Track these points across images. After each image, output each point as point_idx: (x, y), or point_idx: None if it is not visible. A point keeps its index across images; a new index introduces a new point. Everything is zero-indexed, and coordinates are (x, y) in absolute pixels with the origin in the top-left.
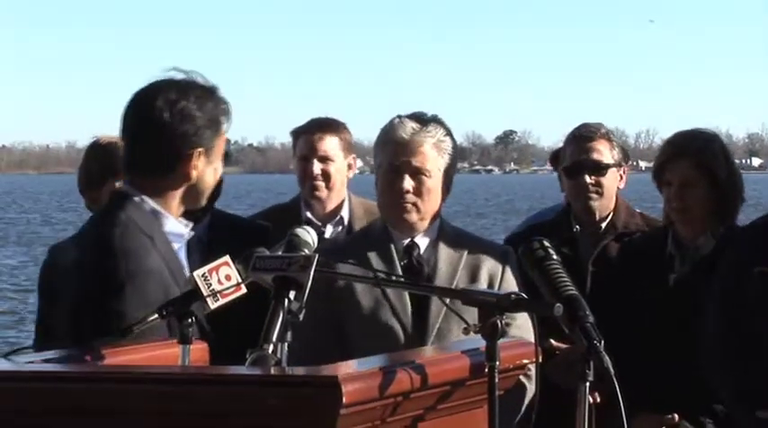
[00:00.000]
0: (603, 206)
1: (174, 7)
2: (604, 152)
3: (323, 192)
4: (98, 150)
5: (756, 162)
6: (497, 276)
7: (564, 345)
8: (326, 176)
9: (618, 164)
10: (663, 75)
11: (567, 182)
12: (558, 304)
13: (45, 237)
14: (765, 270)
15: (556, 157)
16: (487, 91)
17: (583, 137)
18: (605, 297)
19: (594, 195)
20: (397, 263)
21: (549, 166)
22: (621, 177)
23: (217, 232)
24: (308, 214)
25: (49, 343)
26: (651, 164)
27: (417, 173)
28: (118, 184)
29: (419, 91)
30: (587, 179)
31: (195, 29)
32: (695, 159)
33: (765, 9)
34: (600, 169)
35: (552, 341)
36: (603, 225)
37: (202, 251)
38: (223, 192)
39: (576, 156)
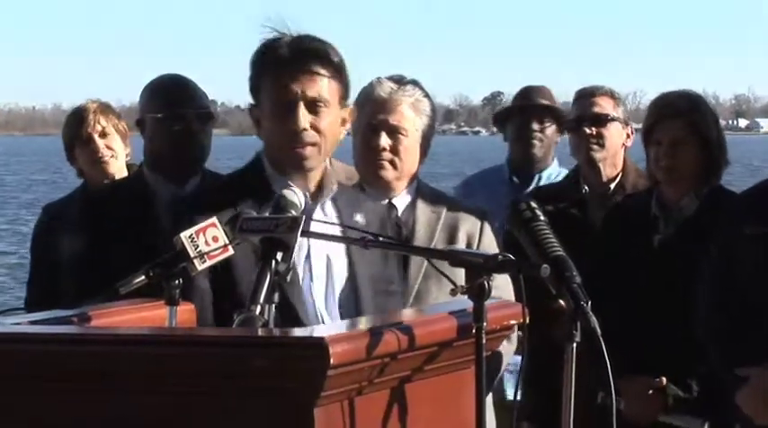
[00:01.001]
0: (608, 162)
1: None
2: (605, 106)
3: None
4: (68, 117)
5: (743, 123)
6: (475, 237)
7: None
8: None
9: (624, 122)
10: (648, 38)
11: (570, 138)
12: (545, 265)
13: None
14: (757, 231)
15: (497, 119)
16: (475, 52)
17: (585, 94)
18: (591, 258)
19: (596, 146)
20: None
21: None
22: (628, 136)
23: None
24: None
25: (39, 304)
26: (640, 126)
27: (394, 132)
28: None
29: (404, 52)
30: (587, 130)
31: None
32: (687, 119)
33: None
34: (600, 120)
35: (561, 301)
36: (612, 186)
37: None
38: (214, 155)
39: (578, 111)
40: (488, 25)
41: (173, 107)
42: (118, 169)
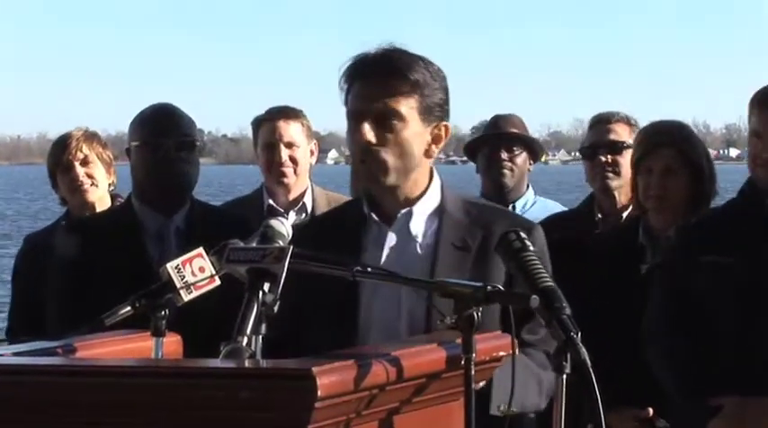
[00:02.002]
0: (624, 190)
1: (148, 4)
2: (621, 133)
3: (290, 178)
4: (53, 145)
5: (734, 152)
6: None
7: None
8: (294, 162)
9: None
10: (640, 67)
11: (585, 165)
12: (535, 296)
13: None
14: (715, 259)
15: (469, 149)
16: (464, 80)
17: (601, 120)
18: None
19: (611, 174)
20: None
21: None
22: None
23: (196, 223)
24: (270, 201)
25: (21, 334)
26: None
27: None
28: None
29: None
30: (602, 158)
31: (169, 22)
32: (678, 148)
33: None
34: (616, 148)
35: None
36: (625, 214)
37: (180, 241)
38: (202, 184)
39: (594, 138)
40: (476, 53)
41: (152, 135)
42: (98, 198)
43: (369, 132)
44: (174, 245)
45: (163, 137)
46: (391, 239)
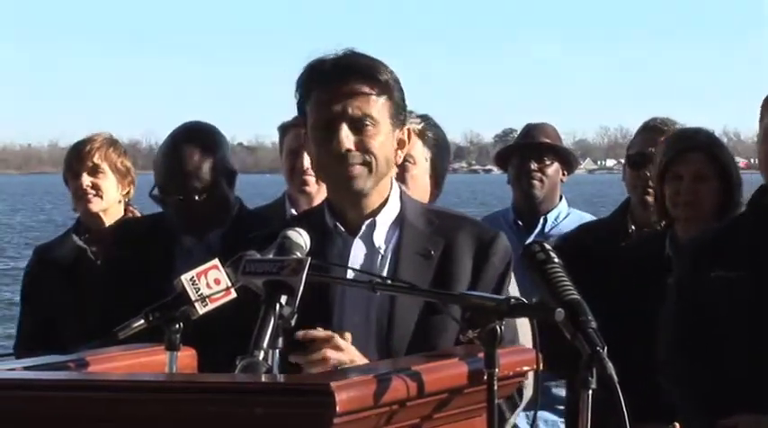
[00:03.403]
0: None
1: (160, 8)
2: None
3: (312, 187)
4: (68, 150)
5: None
6: None
7: None
8: None
9: None
10: (668, 74)
11: (628, 172)
12: (560, 309)
13: None
14: (725, 274)
15: (500, 158)
16: (486, 88)
17: (655, 128)
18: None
19: (652, 190)
20: None
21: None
22: None
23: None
24: (293, 211)
25: (31, 348)
26: None
27: (403, 161)
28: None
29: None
30: (648, 173)
31: (183, 29)
32: (708, 153)
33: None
34: None
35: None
36: (660, 227)
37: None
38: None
39: (644, 146)
40: (500, 60)
41: (166, 181)
42: (101, 209)
43: (347, 138)
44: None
45: (178, 181)
46: (356, 251)
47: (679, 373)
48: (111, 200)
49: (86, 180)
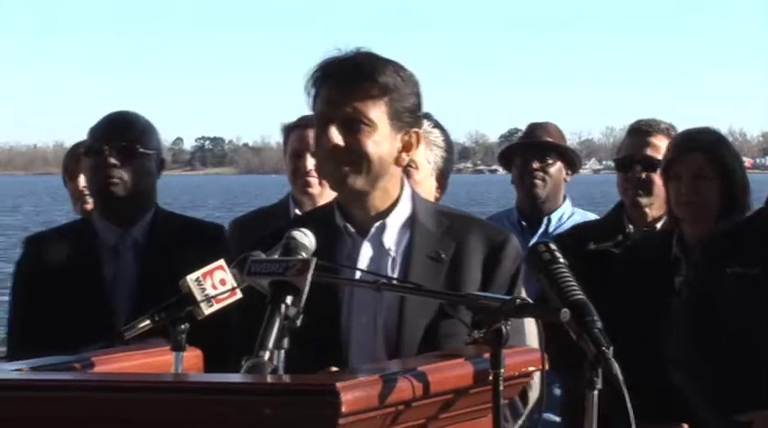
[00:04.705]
0: (656, 205)
1: (165, 8)
2: (660, 148)
3: (315, 188)
4: (67, 151)
5: None
6: None
7: None
8: None
9: None
10: (674, 73)
11: (618, 175)
12: (565, 309)
13: None
14: (741, 270)
15: (503, 158)
16: (491, 88)
17: (640, 130)
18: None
19: (642, 192)
20: None
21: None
22: None
23: (161, 234)
24: (297, 212)
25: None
26: None
27: (405, 166)
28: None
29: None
30: (636, 174)
31: (188, 29)
32: (708, 152)
33: None
34: (652, 165)
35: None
36: (658, 225)
37: (138, 254)
38: (220, 193)
39: (630, 149)
40: (505, 60)
41: (92, 141)
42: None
43: (335, 136)
44: (130, 259)
45: (102, 142)
46: (365, 252)
47: (693, 369)
48: None
49: (84, 181)
